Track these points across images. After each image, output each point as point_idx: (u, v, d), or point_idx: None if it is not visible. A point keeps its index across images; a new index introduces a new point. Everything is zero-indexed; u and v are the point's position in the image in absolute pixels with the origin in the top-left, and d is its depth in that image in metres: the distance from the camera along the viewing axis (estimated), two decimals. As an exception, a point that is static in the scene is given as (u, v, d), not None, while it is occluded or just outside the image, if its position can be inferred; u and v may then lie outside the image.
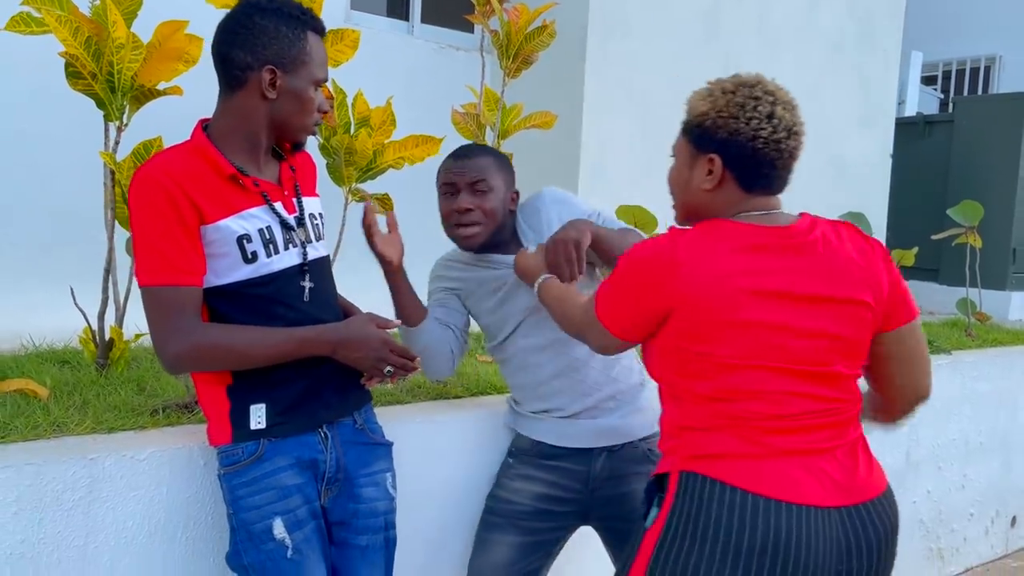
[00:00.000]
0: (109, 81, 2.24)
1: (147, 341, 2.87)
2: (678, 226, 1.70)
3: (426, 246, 3.71)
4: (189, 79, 2.35)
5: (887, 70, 5.22)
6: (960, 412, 3.98)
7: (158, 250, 1.62)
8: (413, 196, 3.27)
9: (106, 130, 2.44)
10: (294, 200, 1.80)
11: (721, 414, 1.56)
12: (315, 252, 1.81)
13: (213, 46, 1.71)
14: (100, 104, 2.28)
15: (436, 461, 2.28)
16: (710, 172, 1.63)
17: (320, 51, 1.75)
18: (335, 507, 1.81)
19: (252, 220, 1.70)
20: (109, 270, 2.45)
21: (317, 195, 1.91)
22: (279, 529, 1.69)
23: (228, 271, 1.69)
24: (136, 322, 2.57)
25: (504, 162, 2.16)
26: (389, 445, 1.93)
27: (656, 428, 1.81)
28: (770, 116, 1.57)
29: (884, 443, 3.63)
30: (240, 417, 1.72)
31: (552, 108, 3.27)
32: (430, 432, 2.28)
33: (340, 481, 1.81)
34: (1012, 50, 9.06)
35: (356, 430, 1.86)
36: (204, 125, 1.76)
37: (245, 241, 1.68)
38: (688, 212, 1.73)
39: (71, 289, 2.43)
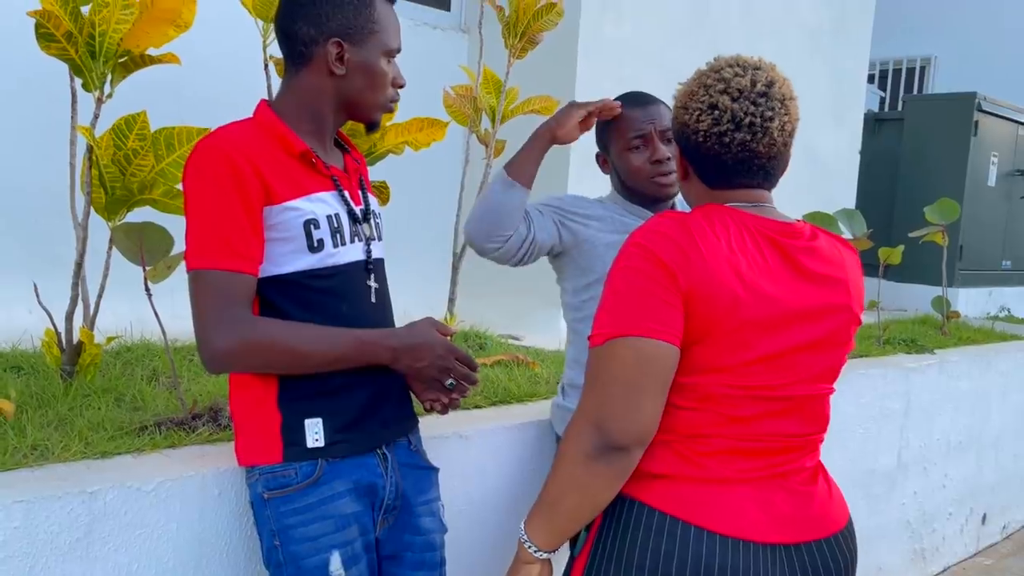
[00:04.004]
0: (89, 45, 1.92)
1: (115, 346, 2.58)
2: None
3: (425, 242, 3.48)
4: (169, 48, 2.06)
5: (858, 64, 5.19)
6: (944, 412, 3.95)
7: (217, 230, 1.41)
8: (412, 186, 3.02)
9: (73, 102, 2.12)
10: (359, 192, 1.61)
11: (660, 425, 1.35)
12: (377, 251, 1.62)
13: (276, 21, 1.54)
14: (77, 71, 1.96)
15: (473, 481, 2.06)
16: (681, 163, 1.50)
17: (391, 18, 1.56)
18: (390, 539, 1.59)
19: (320, 204, 1.50)
20: (81, 264, 2.13)
21: (375, 193, 1.70)
22: (336, 565, 1.47)
23: (289, 259, 1.47)
24: (98, 326, 2.27)
25: None
26: (437, 470, 1.70)
27: None
28: (712, 107, 1.38)
29: (880, 445, 3.56)
30: (294, 432, 1.48)
31: (543, 93, 3.07)
32: (461, 449, 2.05)
33: (397, 509, 1.59)
34: (946, 51, 9.28)
35: (411, 452, 1.65)
36: (267, 104, 1.56)
37: (312, 227, 1.48)
38: (683, 195, 1.59)
39: (35, 286, 2.11)
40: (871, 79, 9.42)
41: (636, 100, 1.99)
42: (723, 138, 1.37)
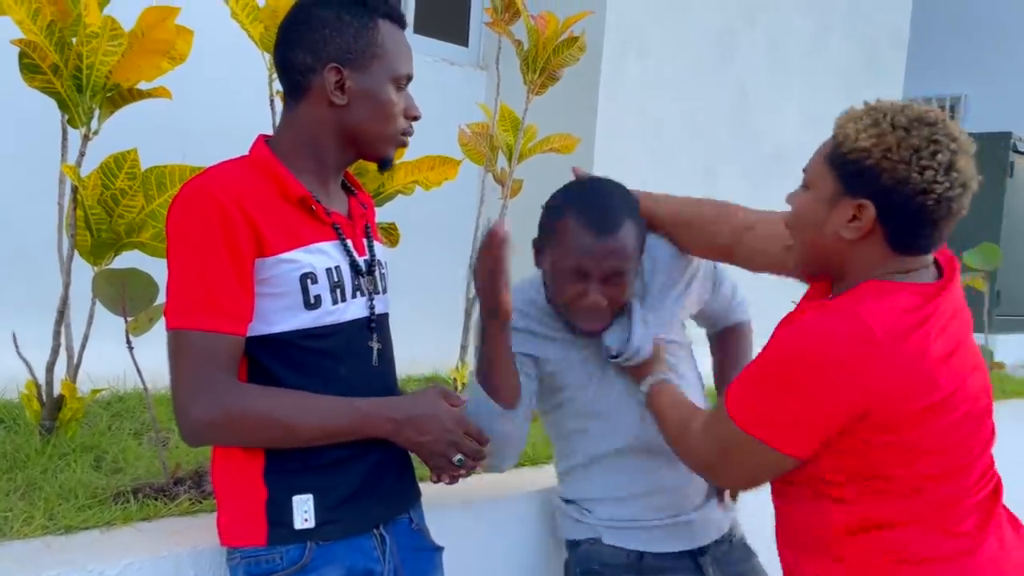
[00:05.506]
0: (76, 77, 1.79)
1: (106, 396, 2.43)
2: (799, 271, 1.48)
3: (436, 287, 3.32)
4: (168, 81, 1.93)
5: (890, 103, 5.02)
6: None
7: (201, 284, 1.26)
8: (423, 228, 2.87)
9: (63, 139, 1.99)
10: (364, 241, 1.45)
11: (914, 506, 1.34)
12: (381, 306, 1.45)
13: (273, 54, 1.41)
14: (63, 105, 1.83)
15: (483, 559, 1.86)
16: (854, 219, 1.33)
17: (399, 41, 1.40)
18: None
19: (320, 256, 1.35)
20: (63, 311, 1.98)
21: (382, 240, 1.55)
22: None
23: (282, 317, 1.32)
24: (88, 373, 2.11)
25: (642, 228, 1.62)
26: (442, 550, 1.53)
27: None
28: (949, 167, 1.26)
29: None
30: (280, 511, 1.31)
31: (562, 131, 2.92)
32: (469, 521, 1.86)
33: None
34: (977, 90, 9.10)
35: (413, 531, 1.48)
36: (265, 140, 1.41)
37: (309, 281, 1.32)
38: (813, 257, 1.42)
39: (13, 335, 1.96)
40: (899, 118, 9.23)
41: (594, 221, 1.54)
42: (952, 203, 1.28)
